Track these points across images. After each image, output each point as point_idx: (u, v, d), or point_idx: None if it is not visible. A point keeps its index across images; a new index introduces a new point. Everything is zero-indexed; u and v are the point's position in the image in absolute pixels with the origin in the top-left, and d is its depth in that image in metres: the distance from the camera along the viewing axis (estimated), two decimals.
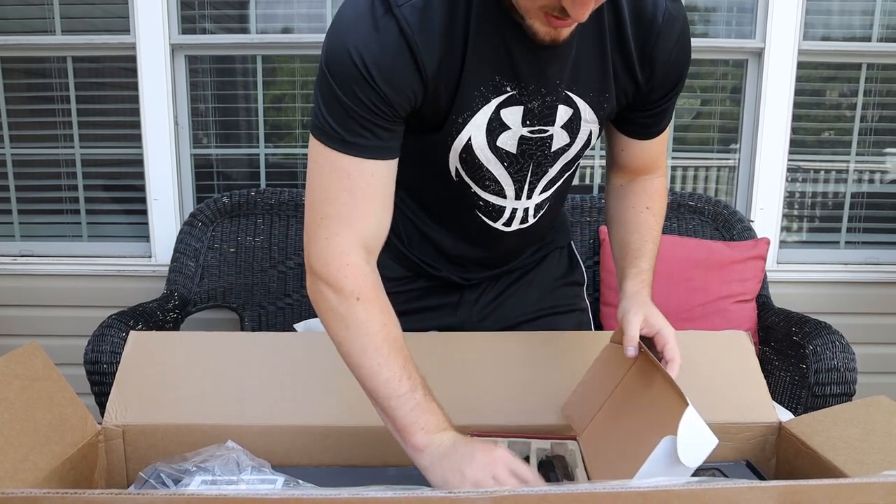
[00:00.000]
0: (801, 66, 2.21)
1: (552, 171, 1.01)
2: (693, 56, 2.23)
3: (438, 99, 0.88)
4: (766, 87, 2.20)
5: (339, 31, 0.85)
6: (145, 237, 2.34)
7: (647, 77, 0.94)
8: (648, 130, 1.04)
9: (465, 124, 0.91)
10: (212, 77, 2.34)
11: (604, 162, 2.38)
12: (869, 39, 2.26)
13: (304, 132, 2.37)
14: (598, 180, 2.35)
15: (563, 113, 0.93)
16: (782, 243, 2.34)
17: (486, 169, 0.97)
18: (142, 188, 2.29)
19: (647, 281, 0.99)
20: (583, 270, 1.30)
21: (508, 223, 1.06)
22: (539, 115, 0.92)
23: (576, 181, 2.36)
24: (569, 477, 0.85)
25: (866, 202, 2.37)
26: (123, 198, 2.41)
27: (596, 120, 0.96)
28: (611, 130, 1.07)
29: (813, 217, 2.40)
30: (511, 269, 1.19)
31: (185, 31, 2.25)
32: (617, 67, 0.92)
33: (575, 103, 0.93)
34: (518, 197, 1.03)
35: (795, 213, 2.39)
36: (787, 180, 2.28)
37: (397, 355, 0.83)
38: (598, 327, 2.08)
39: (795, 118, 2.25)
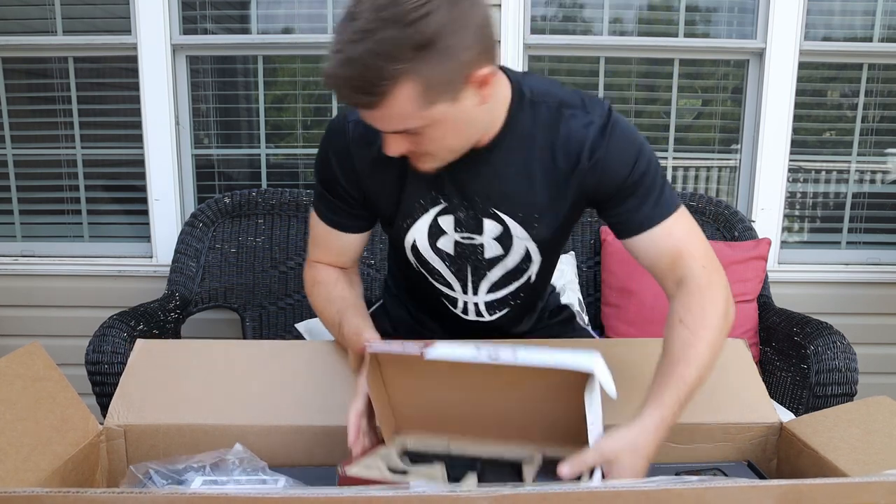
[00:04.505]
0: (802, 66, 2.21)
1: (492, 275, 1.10)
2: (694, 56, 2.31)
3: (381, 206, 1.08)
4: (767, 87, 2.20)
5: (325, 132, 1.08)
6: (146, 237, 2.34)
7: (588, 198, 1.03)
8: (623, 227, 1.03)
9: (409, 228, 1.07)
10: (213, 77, 2.34)
11: None
12: (870, 40, 2.26)
13: (305, 132, 2.37)
14: None
15: (492, 227, 1.04)
16: (783, 243, 2.34)
17: (431, 265, 1.11)
18: (143, 188, 2.30)
19: (661, 418, 0.86)
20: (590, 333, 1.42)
21: (465, 312, 1.17)
22: (466, 225, 1.05)
23: None
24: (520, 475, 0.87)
25: (867, 202, 2.37)
26: (124, 198, 2.41)
27: (529, 237, 1.05)
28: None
29: (814, 217, 2.40)
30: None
31: (186, 32, 2.25)
32: (553, 191, 1.02)
33: (503, 220, 1.03)
34: (465, 291, 1.13)
35: (797, 213, 2.39)
36: (788, 180, 2.28)
37: (330, 308, 1.10)
38: (599, 327, 2.08)
39: (796, 118, 2.25)
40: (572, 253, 2.10)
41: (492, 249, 1.06)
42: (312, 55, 2.29)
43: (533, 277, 1.12)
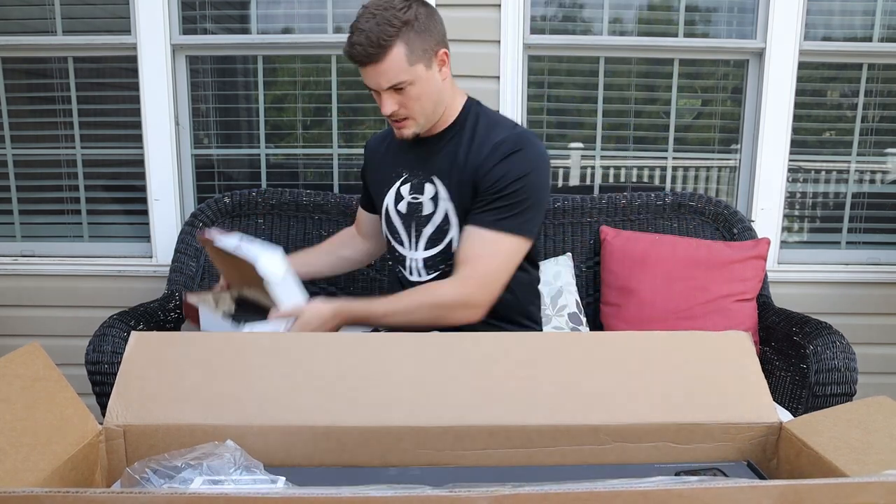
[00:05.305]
0: (801, 66, 2.21)
1: (427, 231, 1.48)
2: (694, 56, 2.35)
3: (374, 180, 1.61)
4: (767, 87, 2.20)
5: None
6: (146, 237, 2.34)
7: (475, 192, 1.40)
8: (469, 218, 1.40)
9: (384, 196, 1.55)
10: (213, 77, 2.34)
11: (602, 162, 2.37)
12: (870, 40, 2.26)
13: (304, 132, 2.37)
14: (598, 180, 2.35)
15: (429, 189, 1.46)
16: (783, 243, 2.34)
17: (394, 224, 1.53)
18: (143, 188, 2.30)
19: (340, 307, 1.37)
20: None
21: (410, 272, 1.53)
22: (415, 188, 1.49)
23: (577, 181, 2.36)
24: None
25: (867, 202, 2.37)
26: (124, 198, 2.41)
27: (448, 198, 1.44)
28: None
29: (814, 217, 2.40)
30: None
31: (185, 32, 2.25)
32: (465, 176, 1.40)
33: (436, 185, 1.45)
34: (411, 247, 1.52)
35: (796, 213, 2.39)
36: (787, 180, 2.29)
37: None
38: (598, 327, 2.08)
39: (796, 118, 2.25)
40: (569, 254, 2.10)
41: (427, 207, 1.47)
42: (312, 55, 2.29)
43: (454, 245, 1.46)
